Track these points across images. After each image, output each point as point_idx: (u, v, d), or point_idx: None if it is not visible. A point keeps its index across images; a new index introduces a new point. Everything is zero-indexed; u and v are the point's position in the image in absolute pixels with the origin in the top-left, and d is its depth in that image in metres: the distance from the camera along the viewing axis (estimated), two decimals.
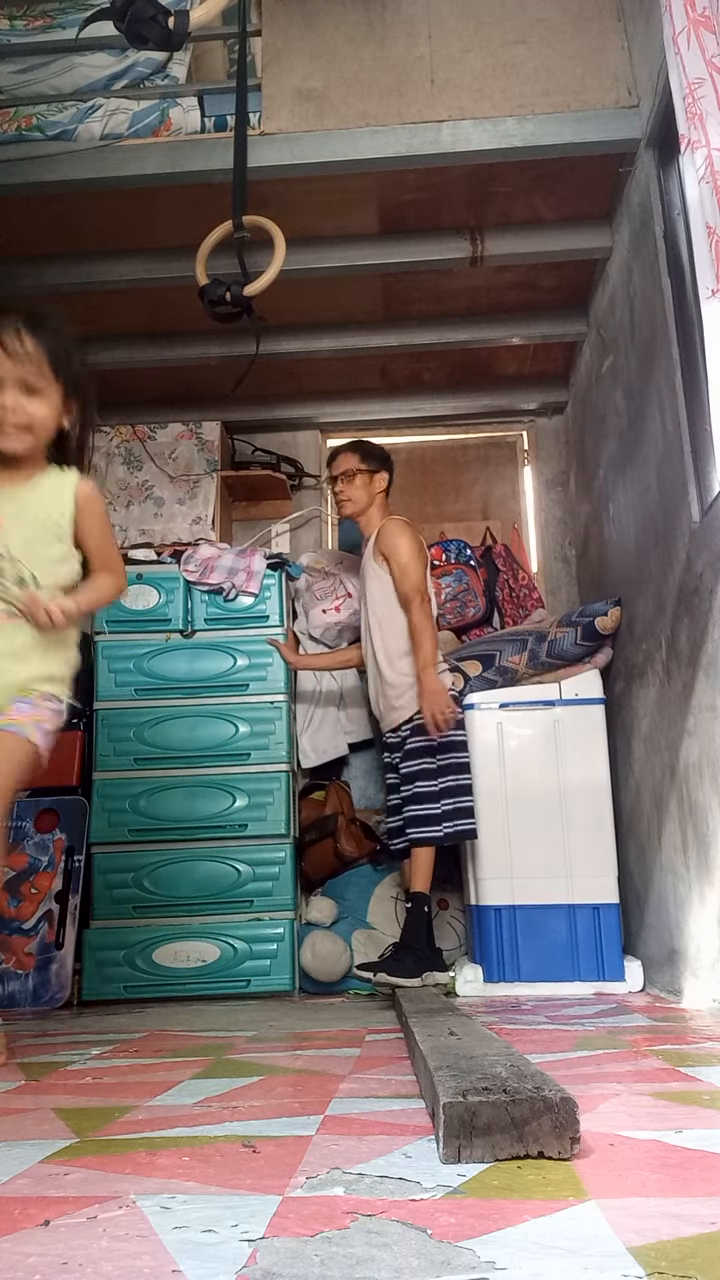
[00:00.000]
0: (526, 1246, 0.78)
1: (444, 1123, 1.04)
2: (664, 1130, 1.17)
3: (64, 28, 3.38)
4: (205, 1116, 1.36)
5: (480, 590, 4.12)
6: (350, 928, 3.56)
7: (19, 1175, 1.06)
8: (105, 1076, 1.75)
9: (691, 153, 2.16)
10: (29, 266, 3.65)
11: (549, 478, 4.68)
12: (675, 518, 2.78)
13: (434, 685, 3.16)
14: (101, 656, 3.69)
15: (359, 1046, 2.04)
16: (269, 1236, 0.83)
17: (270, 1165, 1.08)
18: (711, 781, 2.45)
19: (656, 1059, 1.71)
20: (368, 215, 3.53)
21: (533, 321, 4.10)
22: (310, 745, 3.90)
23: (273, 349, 3.96)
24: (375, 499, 3.48)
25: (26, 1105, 1.48)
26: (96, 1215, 0.90)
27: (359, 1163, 1.07)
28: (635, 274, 3.20)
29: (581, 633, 3.38)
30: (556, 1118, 1.04)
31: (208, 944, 3.41)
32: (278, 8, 3.32)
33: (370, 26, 3.27)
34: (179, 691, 3.65)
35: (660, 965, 2.95)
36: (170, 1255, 0.79)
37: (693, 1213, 0.86)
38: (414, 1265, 0.74)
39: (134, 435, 4.36)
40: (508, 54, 3.19)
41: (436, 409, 4.67)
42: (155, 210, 3.42)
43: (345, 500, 3.49)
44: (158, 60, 3.29)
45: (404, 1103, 1.40)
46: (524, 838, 3.22)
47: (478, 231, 3.57)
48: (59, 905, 3.46)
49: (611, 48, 3.17)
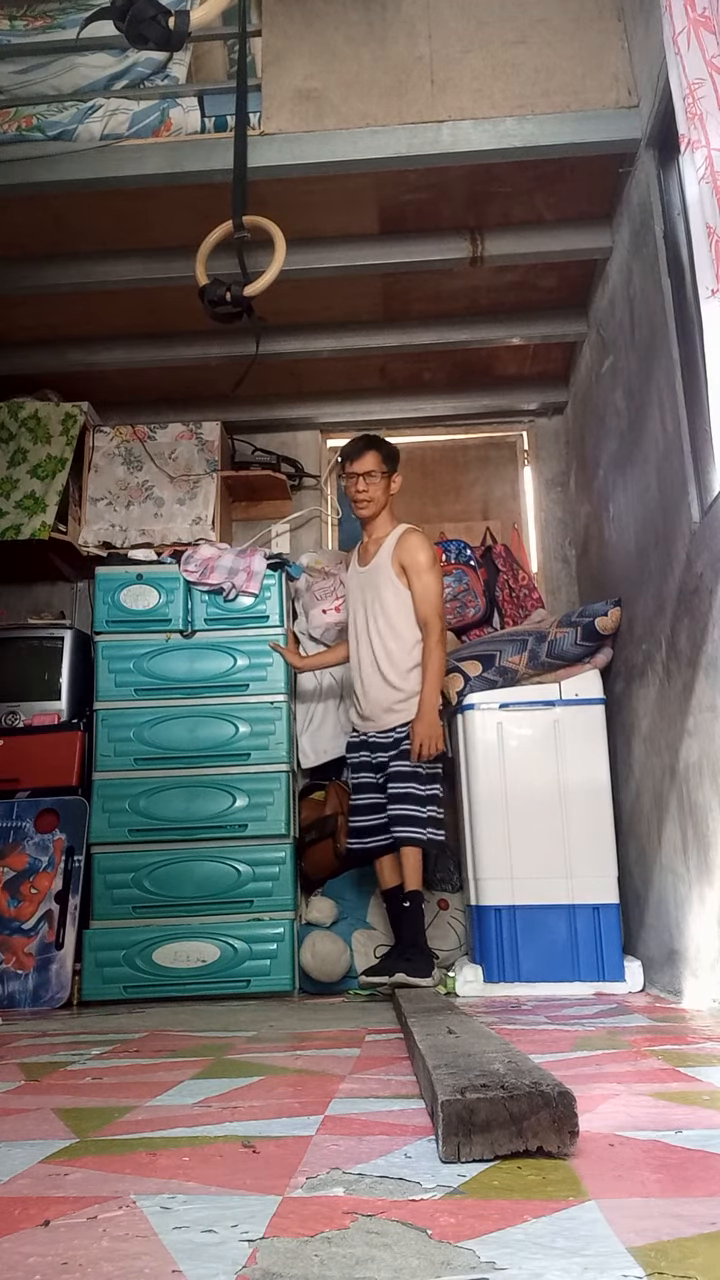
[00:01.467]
0: (526, 1246, 0.78)
1: (443, 1120, 1.04)
2: (664, 1130, 1.17)
3: (64, 28, 3.38)
4: (205, 1116, 1.36)
5: (480, 590, 4.12)
6: (350, 928, 3.56)
7: (19, 1175, 1.06)
8: (105, 1076, 1.75)
9: (691, 153, 2.16)
10: (29, 266, 3.65)
11: (549, 478, 4.68)
12: (675, 518, 2.78)
13: (434, 718, 3.20)
14: (101, 656, 3.69)
15: (359, 1046, 2.04)
16: (269, 1236, 0.83)
17: (270, 1165, 1.08)
18: (711, 781, 2.45)
19: (656, 1059, 1.71)
20: (368, 215, 3.53)
21: (533, 322, 4.10)
22: (310, 745, 3.89)
23: (273, 349, 3.96)
24: (389, 501, 3.46)
25: (26, 1105, 1.48)
26: (96, 1215, 0.90)
27: (359, 1163, 1.07)
28: (635, 274, 3.20)
29: (581, 633, 3.38)
30: (554, 1112, 1.04)
31: (208, 944, 3.41)
32: (278, 8, 3.32)
33: (370, 26, 3.27)
34: (179, 691, 3.65)
35: (660, 965, 2.95)
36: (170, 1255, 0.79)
37: (693, 1213, 0.86)
38: (414, 1265, 0.74)
39: (134, 435, 4.36)
40: (508, 54, 3.19)
41: (436, 409, 4.66)
42: (155, 210, 3.42)
43: (366, 500, 3.41)
44: (158, 60, 3.29)
45: (404, 1103, 1.40)
46: (524, 838, 3.22)
47: (478, 231, 3.57)
48: (59, 905, 3.46)
49: (611, 48, 3.17)
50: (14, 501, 4.04)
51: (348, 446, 3.48)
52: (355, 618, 3.46)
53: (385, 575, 3.36)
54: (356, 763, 3.41)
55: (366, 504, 3.42)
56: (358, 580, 3.48)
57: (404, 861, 3.18)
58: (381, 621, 3.34)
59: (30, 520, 4.00)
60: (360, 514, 3.47)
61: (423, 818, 3.18)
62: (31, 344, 4.15)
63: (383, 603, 3.35)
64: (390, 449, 3.48)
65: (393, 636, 3.31)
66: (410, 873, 3.17)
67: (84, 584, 4.51)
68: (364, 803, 3.35)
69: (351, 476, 3.43)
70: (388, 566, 3.36)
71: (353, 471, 3.42)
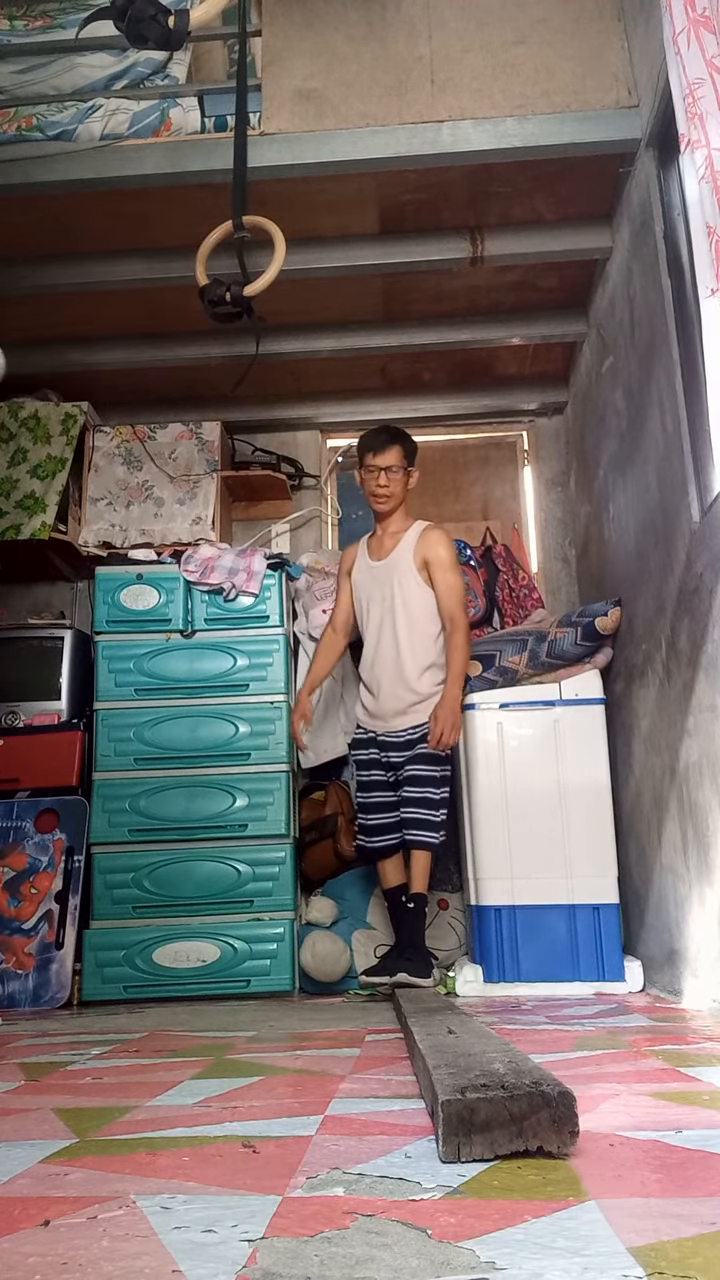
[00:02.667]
0: (526, 1246, 0.78)
1: (443, 1120, 1.04)
2: (664, 1130, 1.17)
3: (64, 28, 3.38)
4: (205, 1116, 1.36)
5: (480, 590, 4.12)
6: (350, 928, 3.56)
7: (19, 1175, 1.06)
8: (105, 1076, 1.75)
9: (692, 152, 2.16)
10: (29, 266, 3.65)
11: (549, 478, 4.68)
12: (675, 518, 2.78)
13: (459, 708, 3.17)
14: (101, 656, 3.69)
15: (359, 1046, 2.04)
16: (269, 1236, 0.83)
17: (270, 1165, 1.07)
18: (711, 781, 2.45)
19: (656, 1059, 1.71)
20: (368, 215, 3.53)
21: (533, 321, 4.10)
22: (310, 745, 3.89)
23: (273, 349, 3.96)
24: (406, 496, 3.40)
25: (26, 1105, 1.48)
26: (96, 1215, 0.90)
27: (359, 1163, 1.07)
28: (635, 274, 3.20)
29: (581, 633, 3.38)
30: (555, 1112, 1.04)
31: (208, 944, 3.40)
32: (278, 8, 3.32)
33: (370, 26, 3.27)
34: (179, 691, 3.65)
35: (660, 965, 2.95)
36: (170, 1255, 0.79)
37: (693, 1213, 0.86)
38: (414, 1265, 0.74)
39: (134, 435, 4.36)
40: (508, 54, 3.19)
41: (436, 409, 4.66)
42: (155, 210, 3.42)
43: (387, 495, 3.32)
44: (158, 60, 3.29)
45: (404, 1103, 1.40)
46: (524, 838, 3.22)
47: (478, 231, 3.57)
48: (59, 905, 3.46)
49: (611, 48, 3.17)
50: (14, 501, 4.04)
51: (368, 438, 3.38)
52: (369, 614, 3.36)
53: (407, 571, 3.29)
54: (365, 760, 3.34)
55: (386, 499, 3.33)
56: (371, 575, 3.38)
57: (414, 863, 3.17)
58: (403, 618, 3.27)
59: (30, 520, 4.00)
60: (379, 508, 3.38)
61: (437, 822, 3.17)
62: (31, 344, 4.14)
63: (405, 599, 3.28)
64: (413, 443, 3.40)
65: (413, 634, 3.26)
66: (419, 875, 3.16)
67: (84, 584, 4.51)
68: (374, 801, 3.30)
69: (372, 470, 3.33)
70: (409, 562, 3.30)
71: (374, 465, 3.32)
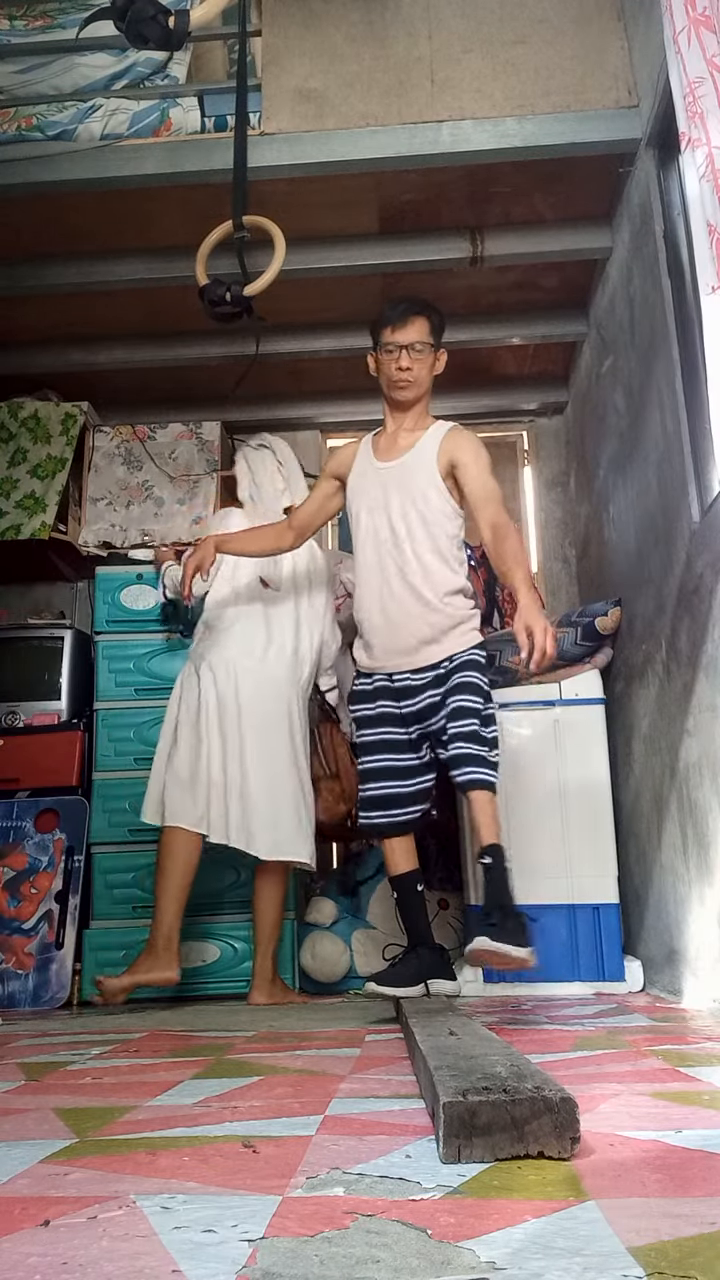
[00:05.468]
0: (526, 1246, 0.78)
1: (444, 1122, 1.04)
2: (664, 1130, 1.17)
3: (64, 28, 3.38)
4: (205, 1116, 1.36)
5: (480, 590, 4.11)
6: (350, 928, 3.56)
7: (19, 1175, 1.06)
8: (105, 1076, 1.75)
9: (692, 151, 2.16)
10: (29, 266, 3.65)
11: (549, 478, 4.68)
12: (675, 518, 2.78)
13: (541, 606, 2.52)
14: (101, 656, 3.69)
15: (359, 1046, 2.03)
16: (269, 1236, 0.82)
17: (270, 1165, 1.07)
18: (711, 781, 2.45)
19: (656, 1059, 1.71)
20: (368, 215, 3.53)
21: (533, 321, 4.10)
22: None
23: (273, 349, 3.95)
24: (430, 385, 2.80)
25: (26, 1105, 1.48)
26: (96, 1215, 0.90)
27: (359, 1163, 1.06)
28: (635, 274, 3.20)
29: (581, 633, 3.38)
30: (557, 1118, 1.04)
31: (208, 944, 3.40)
32: (278, 8, 3.32)
33: (370, 26, 3.27)
34: None
35: (660, 965, 2.95)
36: (170, 1255, 0.79)
37: (693, 1213, 0.86)
38: (414, 1265, 0.74)
39: (134, 435, 4.36)
40: (508, 54, 3.19)
41: (436, 409, 4.64)
42: (155, 210, 3.42)
43: (409, 381, 2.73)
44: (158, 60, 3.29)
45: (404, 1103, 1.40)
46: (524, 838, 3.20)
47: (478, 231, 3.57)
48: (59, 905, 3.46)
49: (611, 48, 3.17)
50: (14, 501, 4.04)
51: (387, 310, 2.78)
52: (374, 526, 2.74)
53: (428, 476, 2.70)
54: (373, 714, 2.72)
55: (408, 385, 2.74)
56: (377, 478, 2.77)
57: (476, 811, 2.50)
58: (420, 532, 2.68)
59: (30, 520, 4.00)
60: (400, 396, 2.77)
61: (493, 761, 2.54)
62: (31, 344, 4.15)
63: (424, 509, 2.69)
64: (441, 316, 2.78)
65: (433, 551, 2.67)
66: (488, 822, 2.48)
67: (84, 584, 4.52)
68: (382, 765, 2.69)
69: (391, 350, 2.73)
70: (431, 466, 2.71)
71: (393, 343, 2.72)
